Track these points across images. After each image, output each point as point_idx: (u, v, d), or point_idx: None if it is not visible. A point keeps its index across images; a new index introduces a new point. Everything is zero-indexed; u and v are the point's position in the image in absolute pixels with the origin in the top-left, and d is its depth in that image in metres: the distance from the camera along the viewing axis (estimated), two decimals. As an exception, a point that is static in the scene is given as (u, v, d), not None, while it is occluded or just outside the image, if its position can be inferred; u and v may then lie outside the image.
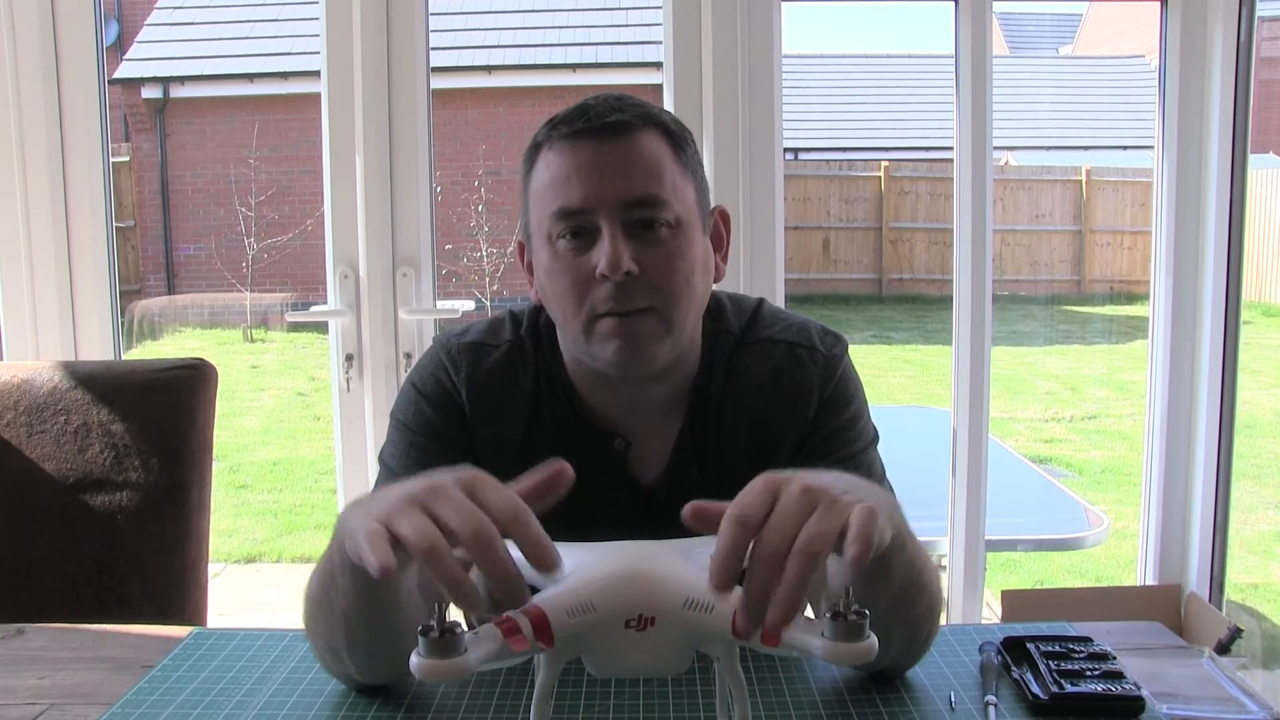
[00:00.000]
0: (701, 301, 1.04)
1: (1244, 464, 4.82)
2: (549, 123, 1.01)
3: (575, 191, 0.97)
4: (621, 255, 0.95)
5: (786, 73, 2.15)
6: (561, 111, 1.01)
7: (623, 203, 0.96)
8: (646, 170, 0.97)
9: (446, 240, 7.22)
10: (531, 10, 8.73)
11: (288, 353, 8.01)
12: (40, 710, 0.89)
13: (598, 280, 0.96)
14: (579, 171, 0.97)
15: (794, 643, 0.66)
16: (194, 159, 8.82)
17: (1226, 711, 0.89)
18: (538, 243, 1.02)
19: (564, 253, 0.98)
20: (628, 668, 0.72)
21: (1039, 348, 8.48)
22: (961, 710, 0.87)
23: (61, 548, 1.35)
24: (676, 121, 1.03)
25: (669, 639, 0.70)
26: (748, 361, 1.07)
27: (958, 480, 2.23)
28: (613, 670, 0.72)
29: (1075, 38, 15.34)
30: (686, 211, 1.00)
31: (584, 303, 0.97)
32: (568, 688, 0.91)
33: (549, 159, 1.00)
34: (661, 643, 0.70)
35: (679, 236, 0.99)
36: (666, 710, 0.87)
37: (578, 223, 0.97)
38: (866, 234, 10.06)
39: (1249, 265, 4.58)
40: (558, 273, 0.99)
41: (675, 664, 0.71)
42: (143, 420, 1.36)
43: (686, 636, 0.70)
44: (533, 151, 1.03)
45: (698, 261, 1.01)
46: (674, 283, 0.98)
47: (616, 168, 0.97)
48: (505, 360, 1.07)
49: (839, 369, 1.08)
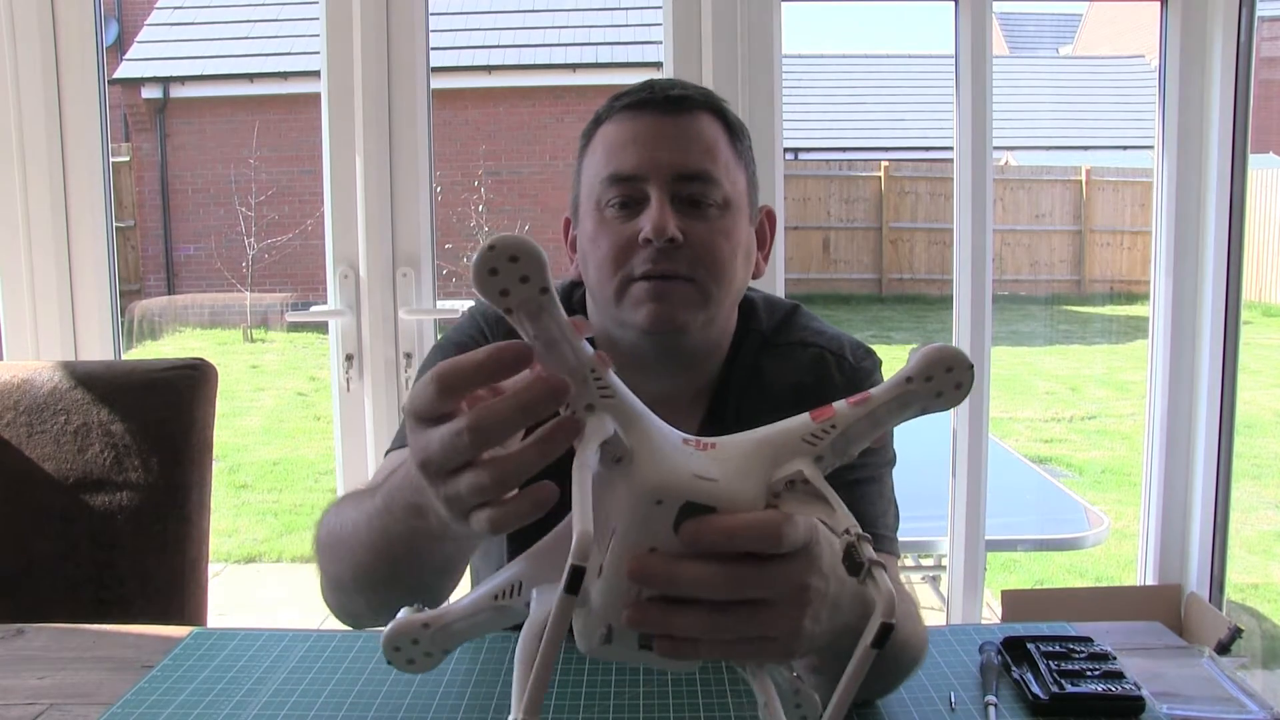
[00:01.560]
0: (740, 287, 1.04)
1: (1244, 464, 4.82)
2: (613, 97, 1.02)
3: (630, 158, 0.97)
4: (668, 221, 0.95)
5: (786, 73, 2.15)
6: (625, 88, 1.02)
7: (675, 174, 0.97)
8: (702, 147, 0.98)
9: (446, 240, 7.22)
10: (531, 10, 8.73)
11: (288, 353, 8.01)
12: (40, 710, 0.89)
13: (640, 245, 0.96)
14: (636, 139, 0.98)
15: (883, 389, 0.61)
16: (194, 159, 8.82)
17: (1226, 711, 0.89)
18: (585, 210, 1.02)
19: (610, 219, 0.99)
20: (684, 476, 0.60)
21: (1039, 348, 8.48)
22: (961, 710, 0.87)
23: (61, 548, 1.34)
24: (735, 115, 1.04)
25: (735, 455, 0.62)
26: (773, 363, 1.06)
27: (958, 480, 2.23)
28: (665, 482, 0.60)
29: (1075, 38, 15.34)
30: (737, 195, 1.00)
31: (622, 267, 0.97)
32: (568, 688, 0.91)
33: (607, 130, 1.01)
34: (726, 459, 0.62)
35: (726, 217, 0.99)
36: (666, 710, 0.87)
37: (628, 189, 0.97)
38: (866, 234, 10.06)
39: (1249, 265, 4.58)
40: (600, 237, 0.99)
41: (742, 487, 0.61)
42: (143, 420, 1.36)
43: (758, 452, 0.62)
44: (593, 125, 1.03)
45: (740, 245, 1.01)
46: (716, 259, 0.97)
47: (673, 140, 0.97)
48: None
49: (867, 381, 1.06)
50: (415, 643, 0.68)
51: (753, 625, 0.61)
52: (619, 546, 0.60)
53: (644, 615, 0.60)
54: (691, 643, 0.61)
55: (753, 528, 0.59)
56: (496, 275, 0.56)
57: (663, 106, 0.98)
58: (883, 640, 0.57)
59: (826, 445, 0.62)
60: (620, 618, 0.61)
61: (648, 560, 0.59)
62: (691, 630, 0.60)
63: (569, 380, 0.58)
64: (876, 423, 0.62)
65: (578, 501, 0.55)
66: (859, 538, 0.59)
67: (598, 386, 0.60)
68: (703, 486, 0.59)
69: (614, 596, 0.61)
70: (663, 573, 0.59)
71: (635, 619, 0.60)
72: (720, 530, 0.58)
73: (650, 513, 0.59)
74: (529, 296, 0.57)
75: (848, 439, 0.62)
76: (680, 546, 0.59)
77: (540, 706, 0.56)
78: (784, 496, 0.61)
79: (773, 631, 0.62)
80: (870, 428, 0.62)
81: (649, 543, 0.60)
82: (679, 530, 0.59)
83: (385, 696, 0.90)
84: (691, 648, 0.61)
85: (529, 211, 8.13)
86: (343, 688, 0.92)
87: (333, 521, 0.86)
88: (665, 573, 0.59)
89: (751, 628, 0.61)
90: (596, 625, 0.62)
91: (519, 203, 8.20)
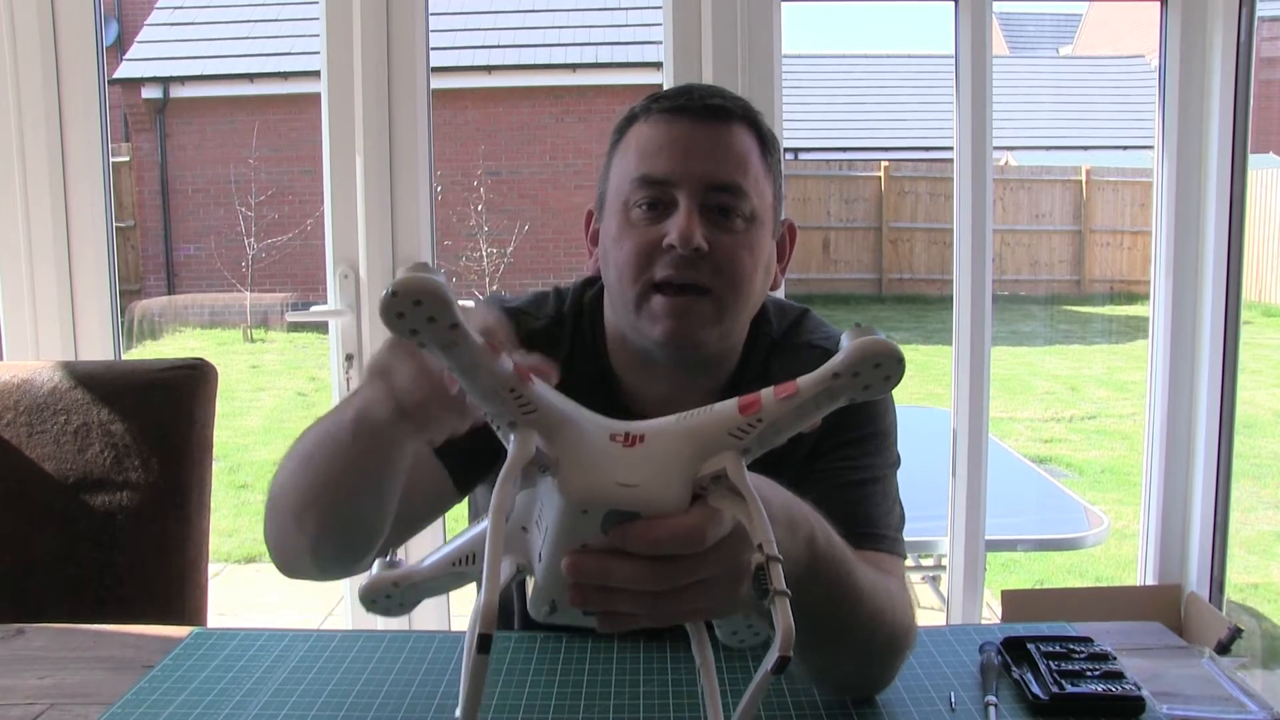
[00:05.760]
0: (757, 301, 1.04)
1: (1244, 464, 4.82)
2: (650, 97, 1.02)
3: (663, 162, 0.97)
4: (694, 230, 0.95)
5: (786, 73, 2.15)
6: (663, 90, 1.03)
7: (706, 184, 0.97)
8: (736, 159, 0.98)
9: (446, 240, 7.22)
10: (531, 10, 8.72)
11: (288, 353, 8.01)
12: (40, 710, 0.89)
13: (663, 250, 0.96)
14: (672, 144, 0.98)
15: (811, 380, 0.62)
16: (194, 159, 8.82)
17: (1226, 711, 0.89)
18: (611, 209, 1.02)
19: (636, 220, 0.98)
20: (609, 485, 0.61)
21: (1039, 348, 8.48)
22: (961, 710, 0.87)
23: (61, 548, 1.34)
24: (768, 127, 1.04)
25: (661, 453, 0.63)
26: (781, 363, 1.07)
27: (958, 480, 2.23)
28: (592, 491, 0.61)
29: (1075, 38, 15.34)
30: (764, 209, 1.01)
31: (644, 272, 0.97)
32: (568, 687, 0.91)
33: (642, 130, 1.01)
34: (653, 457, 0.62)
35: (752, 231, 0.99)
36: (666, 710, 0.87)
37: (657, 193, 0.97)
38: (866, 234, 10.06)
39: (1249, 265, 4.57)
40: (624, 238, 0.99)
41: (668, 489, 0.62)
42: (143, 420, 1.36)
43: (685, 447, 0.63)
44: (626, 122, 1.03)
45: (762, 260, 1.01)
46: (738, 272, 0.98)
47: (707, 149, 0.98)
48: (544, 333, 1.07)
49: None
50: (389, 597, 0.76)
51: (687, 601, 0.64)
52: (553, 543, 0.63)
53: (585, 597, 0.64)
54: (631, 617, 0.64)
55: (676, 535, 0.61)
56: (404, 318, 0.59)
57: (700, 114, 0.98)
58: (781, 668, 0.59)
59: (753, 438, 0.63)
60: (564, 596, 0.64)
61: (580, 559, 0.62)
62: (629, 609, 0.64)
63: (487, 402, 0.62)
64: (803, 415, 0.64)
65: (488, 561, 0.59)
66: (769, 559, 0.61)
67: (519, 404, 0.62)
68: (625, 494, 0.61)
69: (554, 578, 0.64)
70: (596, 570, 0.62)
71: (577, 600, 0.64)
72: (644, 539, 0.61)
73: (578, 519, 0.62)
74: (438, 333, 0.59)
75: (775, 430, 0.64)
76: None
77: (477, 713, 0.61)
78: (710, 489, 0.63)
79: (707, 604, 0.66)
80: (797, 420, 0.64)
81: (581, 541, 0.62)
82: (607, 534, 0.62)
83: (385, 696, 0.90)
84: (632, 620, 0.65)
85: (529, 211, 8.13)
86: (343, 688, 0.92)
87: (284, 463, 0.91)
88: (598, 570, 0.62)
89: (686, 603, 0.65)
90: (542, 601, 0.67)
91: (519, 203, 8.20)
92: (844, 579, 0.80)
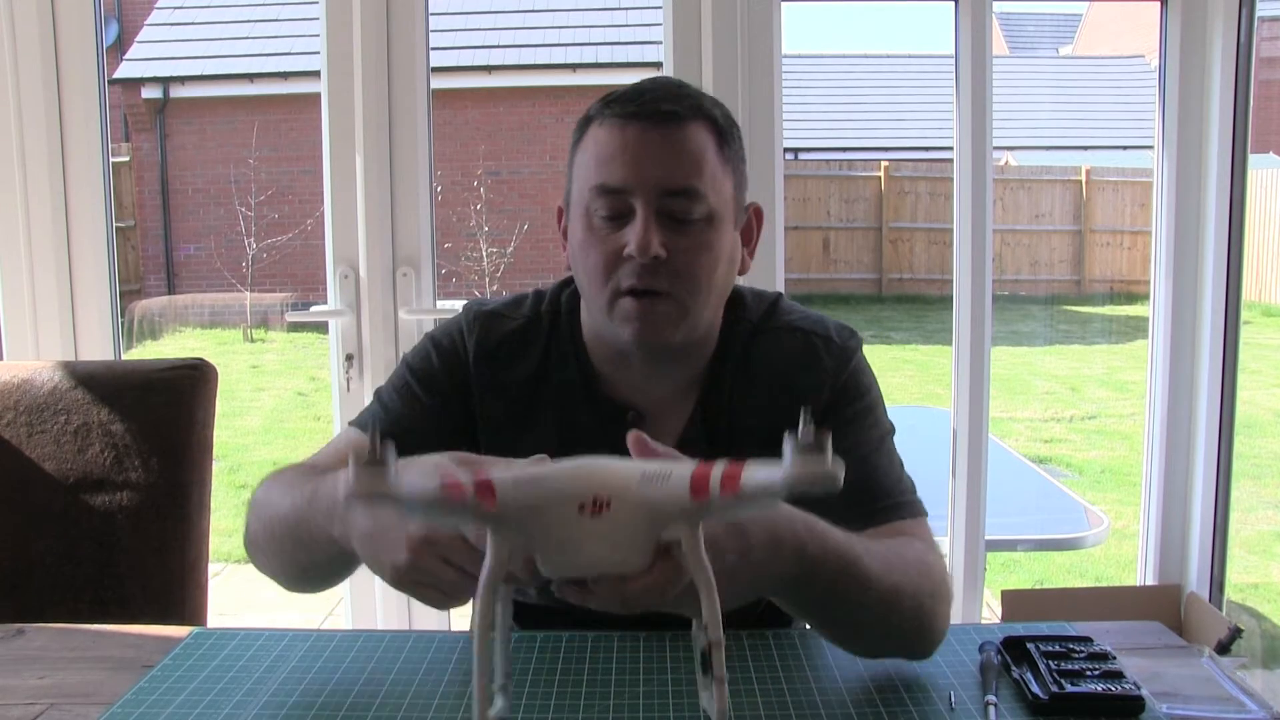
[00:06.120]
0: (723, 292, 1.07)
1: (1244, 464, 4.82)
2: (604, 98, 1.03)
3: (617, 171, 0.99)
4: (651, 239, 0.97)
5: (786, 73, 2.15)
6: (618, 90, 1.03)
7: (661, 189, 0.98)
8: (690, 161, 0.99)
9: (446, 240, 7.22)
10: (531, 10, 8.72)
11: (288, 353, 8.00)
12: (40, 710, 0.89)
13: (625, 259, 0.99)
14: (624, 151, 0.99)
15: (754, 483, 0.66)
16: (194, 159, 8.82)
17: (1226, 711, 0.89)
18: (575, 213, 1.04)
19: (598, 227, 1.01)
20: (584, 562, 0.69)
21: (1039, 348, 8.47)
22: (961, 710, 0.87)
23: (61, 548, 1.34)
24: (726, 115, 1.05)
25: (627, 523, 0.67)
26: (763, 348, 1.10)
27: (958, 480, 2.23)
28: (568, 567, 0.70)
29: (1075, 38, 15.34)
30: (721, 205, 1.02)
31: (609, 279, 1.01)
32: (567, 687, 0.91)
33: (597, 134, 1.01)
34: (619, 528, 0.67)
35: (710, 230, 1.01)
36: (666, 710, 0.87)
37: (615, 203, 0.99)
38: (866, 234, 10.06)
39: (1249, 265, 4.58)
40: (589, 246, 1.02)
41: (635, 556, 0.69)
42: (143, 420, 1.36)
43: (646, 520, 0.68)
44: (584, 124, 1.04)
45: (723, 255, 1.03)
46: (696, 273, 1.01)
47: (660, 154, 0.99)
48: (520, 332, 1.11)
49: (853, 360, 1.11)
50: None
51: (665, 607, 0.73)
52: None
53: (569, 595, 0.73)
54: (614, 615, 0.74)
55: (640, 593, 0.71)
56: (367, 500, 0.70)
57: (652, 118, 0.99)
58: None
59: (700, 518, 0.69)
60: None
61: (565, 590, 0.72)
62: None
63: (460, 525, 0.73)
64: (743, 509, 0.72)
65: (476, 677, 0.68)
66: (711, 644, 0.68)
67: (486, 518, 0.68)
68: (597, 566, 0.69)
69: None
70: (579, 599, 0.72)
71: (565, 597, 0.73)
72: (614, 596, 0.71)
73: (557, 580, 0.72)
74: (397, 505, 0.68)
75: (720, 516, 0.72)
76: None
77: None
78: (673, 549, 0.70)
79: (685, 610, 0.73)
80: (738, 512, 0.72)
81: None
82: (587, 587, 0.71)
83: (385, 696, 0.90)
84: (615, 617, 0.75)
85: (529, 211, 8.12)
86: (343, 688, 0.92)
87: (264, 493, 1.00)
88: (580, 599, 0.72)
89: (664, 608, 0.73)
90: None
91: (519, 203, 8.19)
92: (847, 573, 0.85)
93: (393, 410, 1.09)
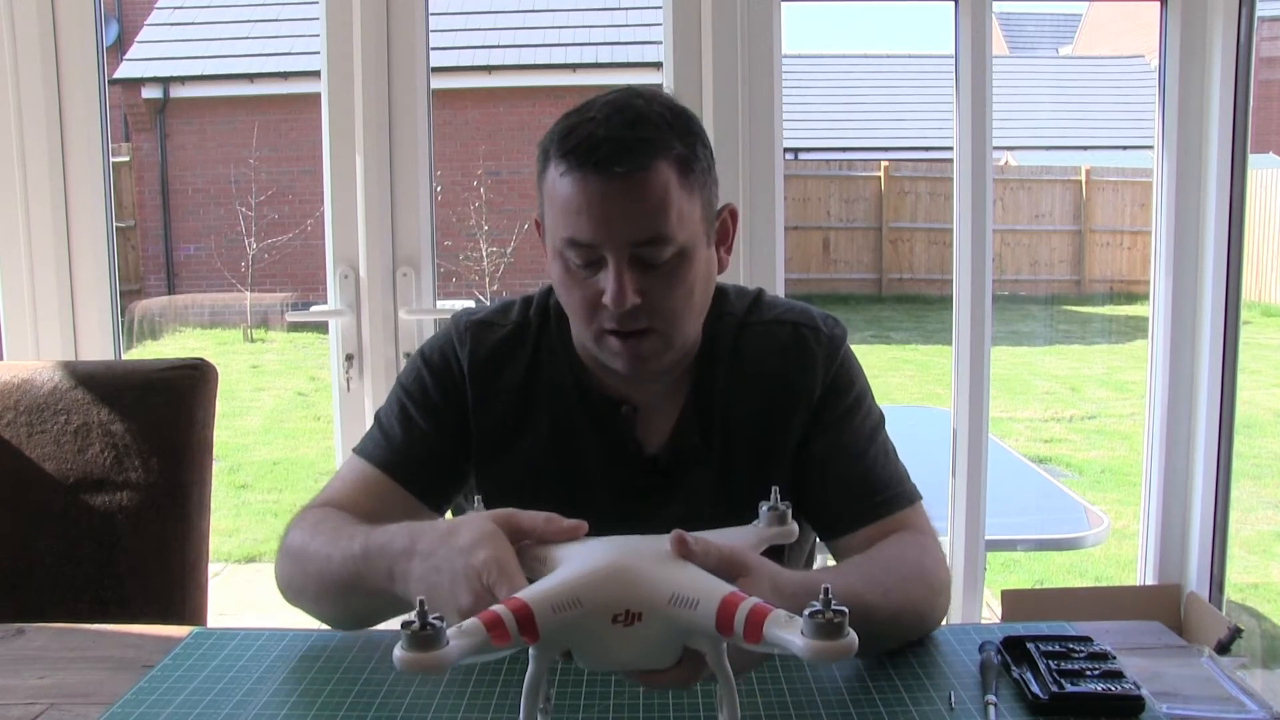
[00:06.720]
0: (703, 308, 1.08)
1: (1244, 464, 4.82)
2: (562, 137, 0.99)
3: (585, 226, 0.99)
4: (626, 292, 0.99)
5: (786, 73, 2.14)
6: (573, 120, 0.99)
7: (629, 241, 0.99)
8: (654, 208, 0.98)
9: (446, 240, 7.22)
10: (531, 10, 8.73)
11: (288, 353, 8.01)
12: (40, 710, 0.89)
13: (604, 305, 1.00)
14: (589, 207, 0.98)
15: (775, 639, 0.68)
16: (194, 159, 8.82)
17: (1226, 711, 0.89)
18: (551, 251, 1.05)
19: (575, 272, 1.03)
20: (616, 662, 0.74)
21: (1039, 348, 8.47)
22: (961, 710, 0.87)
23: (61, 548, 1.34)
24: (686, 131, 1.01)
25: (656, 634, 0.72)
26: (752, 340, 1.12)
27: (958, 480, 2.23)
28: (602, 664, 0.76)
29: (1075, 38, 15.34)
30: (691, 237, 1.02)
31: (592, 321, 1.03)
32: (567, 687, 0.91)
33: (560, 183, 0.99)
34: (648, 637, 0.72)
35: (682, 264, 1.02)
36: (666, 710, 0.87)
37: (587, 254, 1.01)
38: (866, 234, 10.06)
39: (1249, 265, 4.58)
40: (569, 287, 1.04)
41: (663, 658, 0.74)
42: (143, 420, 1.36)
43: (673, 631, 0.72)
44: (544, 157, 1.03)
45: (699, 279, 1.04)
46: (674, 307, 1.03)
47: (625, 207, 0.98)
48: (509, 338, 1.13)
49: (842, 348, 1.13)
50: None
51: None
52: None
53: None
54: None
55: (669, 685, 0.78)
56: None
57: (608, 175, 0.96)
58: None
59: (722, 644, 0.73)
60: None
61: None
62: None
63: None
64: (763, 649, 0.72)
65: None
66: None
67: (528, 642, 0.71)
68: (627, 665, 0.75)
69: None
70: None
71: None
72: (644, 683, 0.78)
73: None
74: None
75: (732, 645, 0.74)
76: None
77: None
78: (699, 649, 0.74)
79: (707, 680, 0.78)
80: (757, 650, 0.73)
81: None
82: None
83: (385, 696, 0.90)
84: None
85: (529, 211, 8.04)
86: (343, 688, 0.92)
87: (304, 540, 1.01)
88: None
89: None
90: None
91: (519, 203, 8.19)
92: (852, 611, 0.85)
93: (394, 438, 1.11)
